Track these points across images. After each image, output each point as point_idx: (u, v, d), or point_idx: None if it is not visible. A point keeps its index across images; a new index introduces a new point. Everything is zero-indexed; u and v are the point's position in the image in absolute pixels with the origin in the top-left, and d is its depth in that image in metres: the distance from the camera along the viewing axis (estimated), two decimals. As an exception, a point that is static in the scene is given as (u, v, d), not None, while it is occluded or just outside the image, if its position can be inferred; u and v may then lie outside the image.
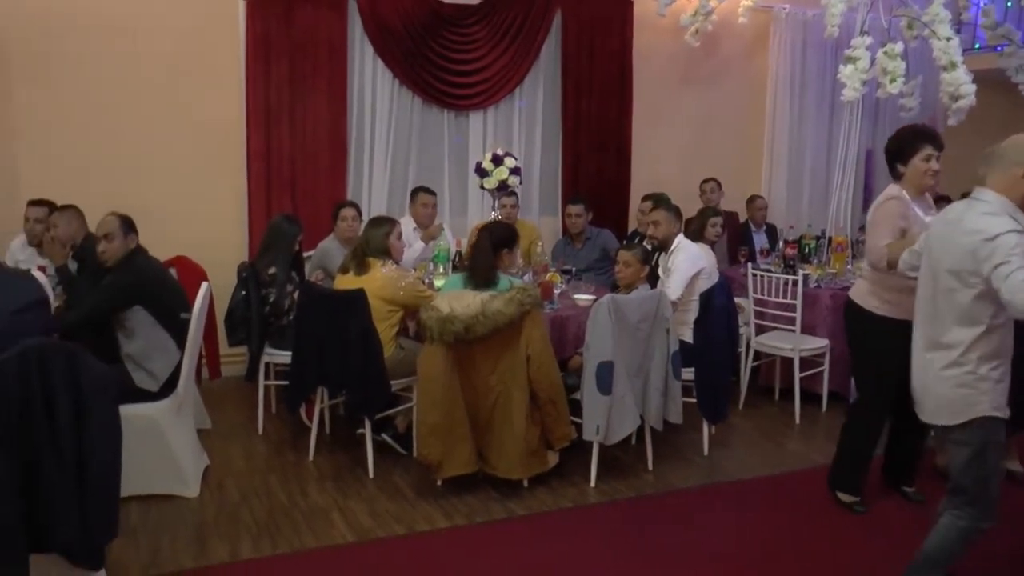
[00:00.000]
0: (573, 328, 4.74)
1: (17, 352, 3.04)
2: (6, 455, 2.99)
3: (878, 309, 3.94)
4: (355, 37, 6.37)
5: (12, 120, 5.69)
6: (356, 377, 4.33)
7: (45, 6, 5.64)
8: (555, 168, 7.15)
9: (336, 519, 4.00)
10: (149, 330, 4.17)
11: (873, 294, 3.97)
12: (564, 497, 4.27)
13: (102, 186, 5.41)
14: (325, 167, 6.31)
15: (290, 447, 4.90)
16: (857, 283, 4.17)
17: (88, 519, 3.22)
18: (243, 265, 5.14)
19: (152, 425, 4.08)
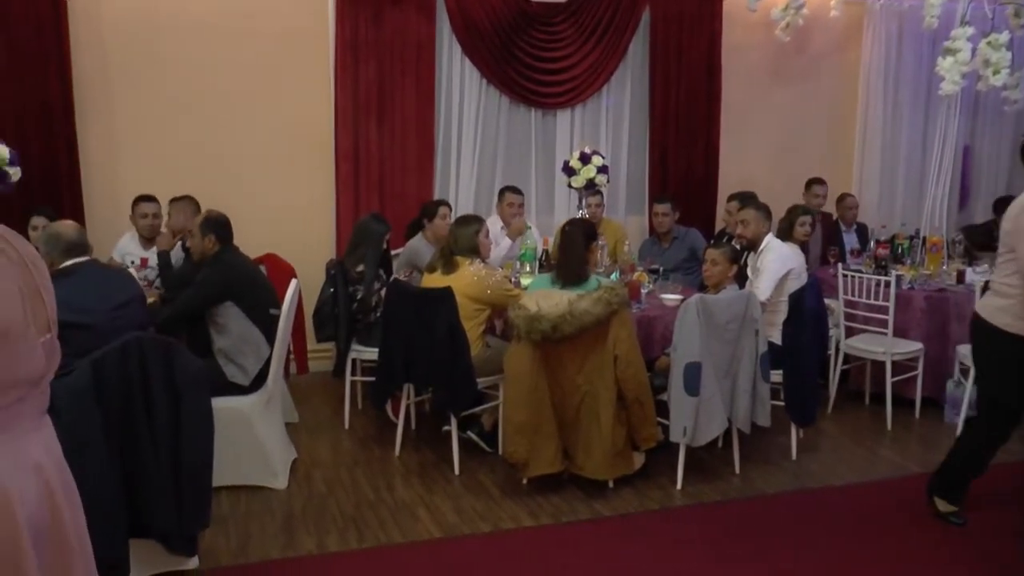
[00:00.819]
0: (660, 328, 4.70)
1: (118, 346, 3.16)
2: (108, 443, 3.10)
3: (1010, 327, 3.65)
4: (443, 37, 6.42)
5: (113, 121, 5.89)
6: (443, 374, 4.36)
7: (144, 11, 5.83)
8: (642, 167, 7.08)
9: (422, 515, 4.04)
10: (240, 326, 4.27)
11: (1006, 311, 3.66)
12: (650, 499, 4.23)
13: (195, 184, 5.55)
14: (413, 167, 6.37)
15: (376, 442, 4.96)
16: (987, 297, 3.86)
17: (183, 507, 3.33)
18: (331, 263, 5.23)
19: (242, 418, 4.18)
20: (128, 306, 3.74)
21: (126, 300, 3.74)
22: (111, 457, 3.11)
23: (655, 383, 4.40)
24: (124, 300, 3.72)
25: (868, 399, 5.75)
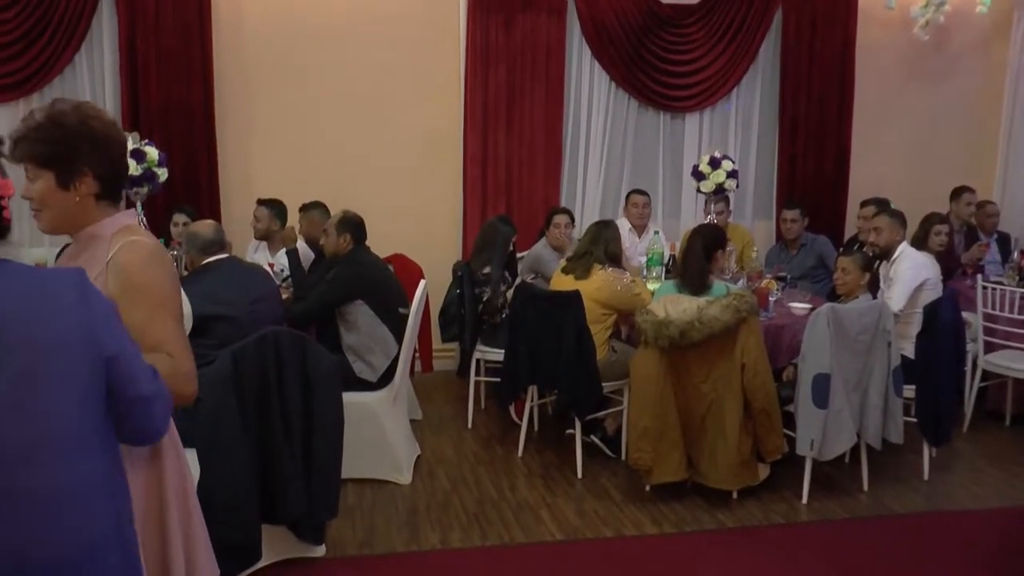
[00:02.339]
0: (788, 337, 4.59)
1: (256, 339, 3.30)
2: (244, 432, 3.24)
3: None
4: (573, 41, 6.44)
5: (250, 125, 6.14)
6: (568, 377, 4.39)
7: (282, 19, 6.05)
8: (770, 171, 6.95)
9: (544, 516, 4.08)
10: (369, 323, 4.39)
11: None
12: (775, 512, 4.16)
13: (327, 186, 5.73)
14: (540, 171, 6.42)
15: (499, 442, 5.03)
16: None
17: (312, 497, 3.45)
18: (458, 264, 5.32)
19: (370, 413, 4.29)
20: (264, 300, 3.90)
21: (262, 295, 3.90)
22: (247, 445, 3.26)
23: (782, 393, 4.32)
24: (261, 295, 3.88)
25: (1009, 420, 5.48)
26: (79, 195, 1.99)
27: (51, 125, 1.95)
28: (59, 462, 1.53)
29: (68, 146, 1.95)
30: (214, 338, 3.55)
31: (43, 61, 5.77)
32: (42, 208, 1.99)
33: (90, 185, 1.99)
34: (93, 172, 1.99)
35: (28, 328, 1.49)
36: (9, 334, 1.47)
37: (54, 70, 5.82)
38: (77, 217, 2.02)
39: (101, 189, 2.01)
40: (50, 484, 1.52)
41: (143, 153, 4.90)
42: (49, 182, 1.96)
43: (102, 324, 1.59)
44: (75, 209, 2.00)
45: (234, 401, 3.21)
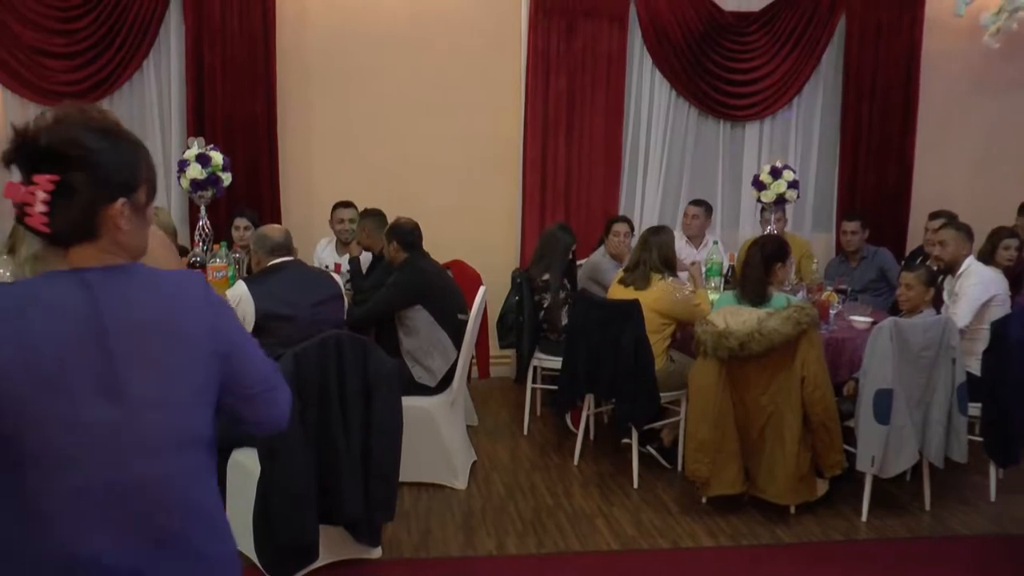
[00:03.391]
0: (848, 351, 4.52)
1: (318, 341, 3.35)
2: (304, 433, 3.29)
3: None
4: (634, 49, 6.44)
5: (311, 131, 6.24)
6: (626, 386, 4.37)
7: (343, 26, 6.13)
8: (830, 181, 6.87)
9: (600, 525, 4.07)
10: (428, 329, 4.42)
11: None
12: (833, 529, 4.10)
13: (386, 192, 5.77)
14: (599, 179, 6.42)
15: (554, 450, 5.03)
16: None
17: (370, 499, 3.48)
18: (517, 271, 5.34)
19: (427, 418, 4.32)
20: (327, 303, 3.95)
21: (325, 297, 3.95)
22: (307, 445, 3.31)
23: (842, 408, 4.25)
24: (324, 297, 3.93)
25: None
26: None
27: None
28: (182, 453, 1.58)
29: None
30: (275, 337, 3.62)
31: (112, 68, 5.92)
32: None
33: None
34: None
35: (164, 325, 1.55)
36: (149, 329, 1.52)
37: (123, 76, 5.97)
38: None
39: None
40: (171, 474, 1.57)
41: (208, 157, 5.01)
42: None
43: (224, 322, 1.66)
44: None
45: (295, 402, 3.25)
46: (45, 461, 1.43)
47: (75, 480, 1.45)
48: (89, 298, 1.47)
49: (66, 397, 1.44)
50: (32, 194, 1.42)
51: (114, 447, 1.48)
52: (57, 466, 1.44)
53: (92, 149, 1.46)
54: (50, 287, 1.47)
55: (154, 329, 1.53)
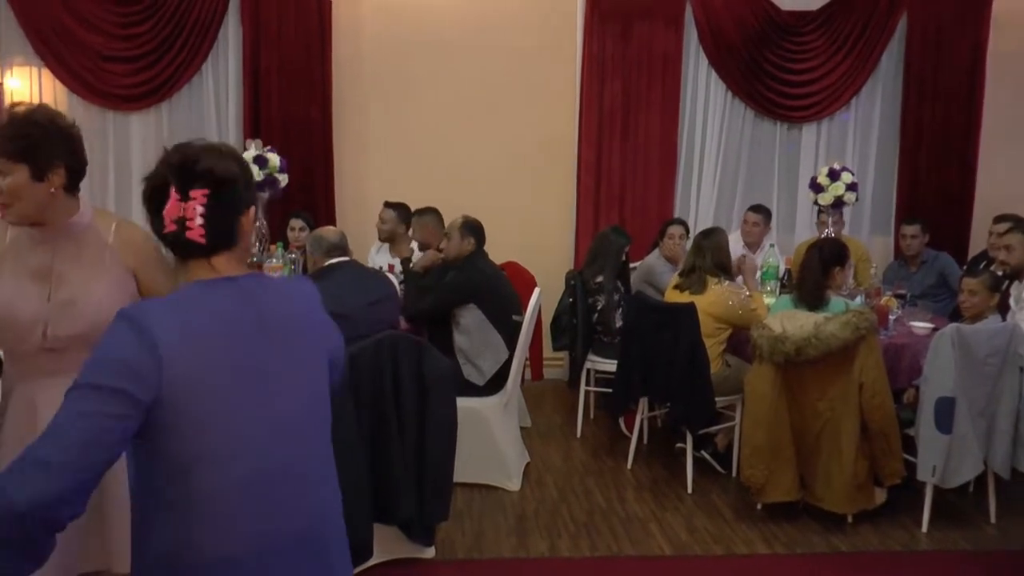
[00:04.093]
0: (908, 358, 4.43)
1: (373, 341, 3.38)
2: (360, 432, 3.31)
3: None
4: (690, 50, 6.39)
5: (365, 134, 6.30)
6: (681, 390, 4.34)
7: (398, 31, 6.18)
8: (889, 184, 6.73)
9: (654, 530, 4.04)
10: (481, 328, 4.43)
11: None
12: (892, 539, 4.01)
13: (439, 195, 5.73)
14: (654, 182, 6.38)
15: (607, 453, 5.00)
16: None
17: (424, 499, 3.50)
18: (571, 273, 5.32)
19: (480, 419, 4.33)
20: (382, 303, 3.98)
21: (380, 297, 3.97)
22: (361, 444, 3.33)
23: (902, 416, 4.17)
24: (378, 297, 3.95)
25: None
26: (52, 186, 2.11)
27: (24, 122, 2.07)
28: (317, 438, 1.76)
29: (43, 140, 2.08)
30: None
31: (172, 71, 6.05)
32: (13, 201, 2.09)
33: (61, 177, 2.12)
34: (65, 164, 2.12)
35: (299, 321, 1.76)
36: (290, 325, 1.72)
37: (182, 80, 6.10)
38: (46, 208, 2.13)
39: (69, 180, 2.14)
40: (310, 458, 1.74)
41: (265, 159, 5.07)
42: (23, 175, 2.07)
43: (329, 320, 1.87)
44: (46, 200, 2.12)
45: (351, 401, 3.28)
46: (218, 454, 1.56)
47: (239, 469, 1.59)
48: (249, 301, 1.65)
49: (236, 393, 1.59)
50: (193, 208, 1.59)
51: (268, 437, 1.63)
52: (229, 457, 1.58)
53: (235, 169, 1.66)
54: (212, 293, 1.63)
55: (297, 329, 1.73)
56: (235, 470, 1.58)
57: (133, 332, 1.52)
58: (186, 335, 1.55)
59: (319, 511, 1.74)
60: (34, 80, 6.14)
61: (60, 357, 2.13)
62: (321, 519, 1.74)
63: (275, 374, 1.65)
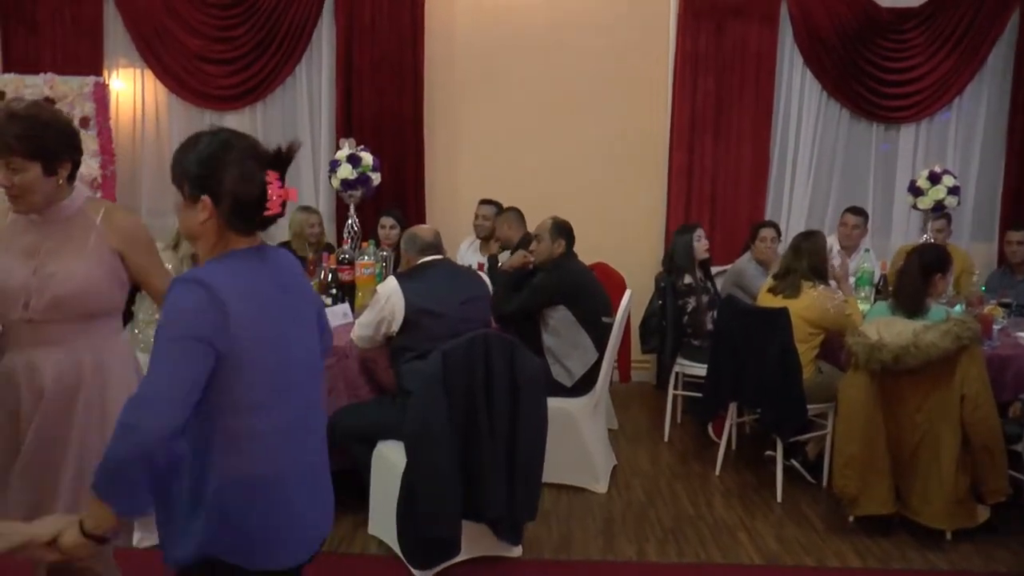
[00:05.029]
0: (1014, 370, 4.26)
1: (466, 339, 3.39)
2: (451, 429, 3.33)
3: None
4: (784, 49, 6.27)
5: (455, 130, 6.34)
6: (772, 396, 4.25)
7: (488, 27, 6.21)
8: (994, 188, 6.48)
9: (742, 538, 3.97)
10: (570, 329, 4.41)
11: None
12: (996, 560, 3.84)
13: (530, 193, 5.79)
14: (746, 182, 6.28)
15: (695, 458, 4.94)
16: None
17: (513, 498, 3.49)
18: (661, 275, 5.27)
19: (569, 419, 4.31)
20: (475, 302, 3.97)
21: (473, 296, 3.97)
22: (452, 441, 3.35)
23: (1007, 431, 3.99)
24: (471, 296, 3.95)
25: None
26: (60, 179, 2.29)
27: (35, 123, 2.23)
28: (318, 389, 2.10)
29: (53, 139, 2.27)
30: (422, 332, 3.67)
31: (267, 72, 6.21)
32: (25, 194, 2.25)
33: (67, 170, 2.32)
34: (70, 159, 2.31)
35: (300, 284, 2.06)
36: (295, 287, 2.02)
37: (276, 80, 6.25)
38: (52, 198, 2.32)
39: (71, 172, 2.33)
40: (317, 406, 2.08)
41: (358, 158, 5.15)
42: (36, 171, 2.23)
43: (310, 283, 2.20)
44: (54, 191, 2.30)
45: (443, 399, 3.31)
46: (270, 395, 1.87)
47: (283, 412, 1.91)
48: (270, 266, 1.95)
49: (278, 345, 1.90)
50: (285, 191, 1.92)
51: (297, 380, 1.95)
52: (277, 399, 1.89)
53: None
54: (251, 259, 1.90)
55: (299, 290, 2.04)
56: (280, 409, 1.90)
57: (204, 291, 1.76)
58: (242, 295, 1.81)
59: (322, 447, 2.07)
60: (137, 81, 6.39)
61: (40, 329, 2.31)
62: (323, 453, 2.07)
63: (292, 330, 1.95)
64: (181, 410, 1.71)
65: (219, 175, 1.83)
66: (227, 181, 1.83)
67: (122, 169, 6.11)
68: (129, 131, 6.37)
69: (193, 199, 1.85)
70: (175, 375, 1.72)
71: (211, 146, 1.85)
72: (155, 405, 1.70)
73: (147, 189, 6.36)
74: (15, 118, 2.21)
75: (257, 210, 1.86)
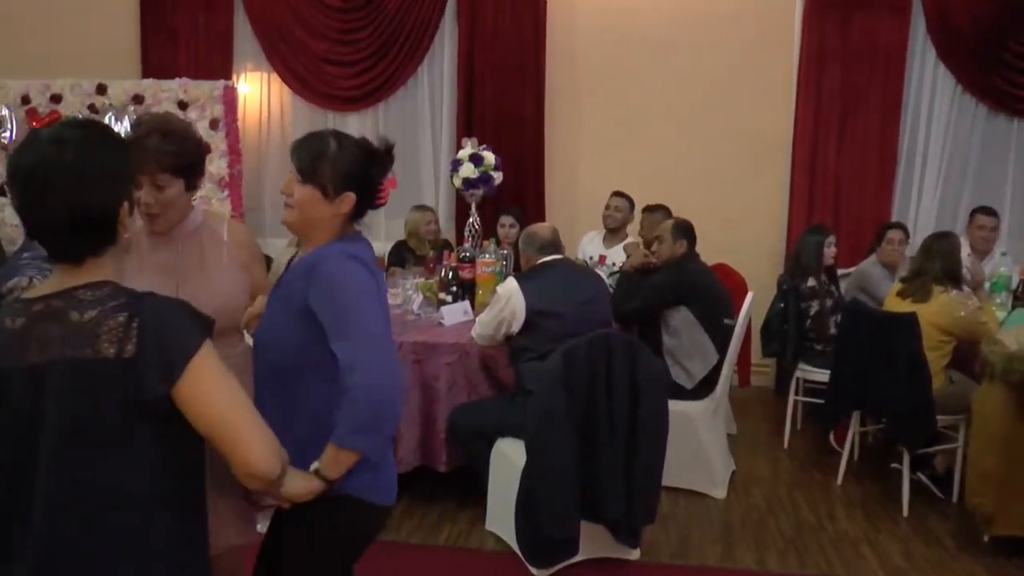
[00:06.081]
0: None
1: (587, 339, 3.39)
2: (571, 429, 3.34)
3: None
4: (916, 41, 6.02)
5: (577, 128, 6.34)
6: (899, 406, 4.09)
7: (610, 24, 6.18)
8: None
9: (866, 552, 3.84)
10: (691, 330, 4.35)
11: None
12: None
13: (651, 191, 5.72)
14: (871, 182, 6.07)
15: (815, 466, 4.81)
16: None
17: (632, 500, 3.48)
18: (782, 277, 5.16)
19: (689, 423, 4.25)
20: (593, 302, 3.97)
21: (592, 296, 3.96)
22: (573, 441, 3.36)
23: None
24: (590, 296, 3.95)
25: None
26: (194, 195, 2.30)
27: (180, 138, 2.22)
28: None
29: (194, 155, 2.27)
30: (542, 332, 3.69)
31: (390, 74, 6.34)
32: (166, 211, 2.22)
33: (198, 185, 2.32)
34: (203, 170, 2.35)
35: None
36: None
37: (398, 82, 6.38)
38: (184, 212, 2.30)
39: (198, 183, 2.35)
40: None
41: (481, 157, 5.21)
42: (180, 187, 2.22)
43: None
44: (187, 207, 2.30)
45: (563, 399, 3.32)
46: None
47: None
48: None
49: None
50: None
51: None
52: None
53: None
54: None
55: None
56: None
57: (366, 268, 2.04)
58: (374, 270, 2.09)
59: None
60: (263, 84, 6.63)
61: None
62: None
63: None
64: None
65: (359, 174, 2.08)
66: (371, 179, 2.10)
67: (248, 168, 6.35)
68: (255, 132, 6.62)
69: (336, 194, 2.05)
70: (386, 333, 2.03)
71: (343, 150, 2.07)
72: (390, 355, 2.05)
73: (270, 187, 6.58)
74: (167, 135, 2.19)
75: (373, 201, 2.14)
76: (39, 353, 1.51)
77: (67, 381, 1.50)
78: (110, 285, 1.58)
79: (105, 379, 1.50)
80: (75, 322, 1.52)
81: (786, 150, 6.14)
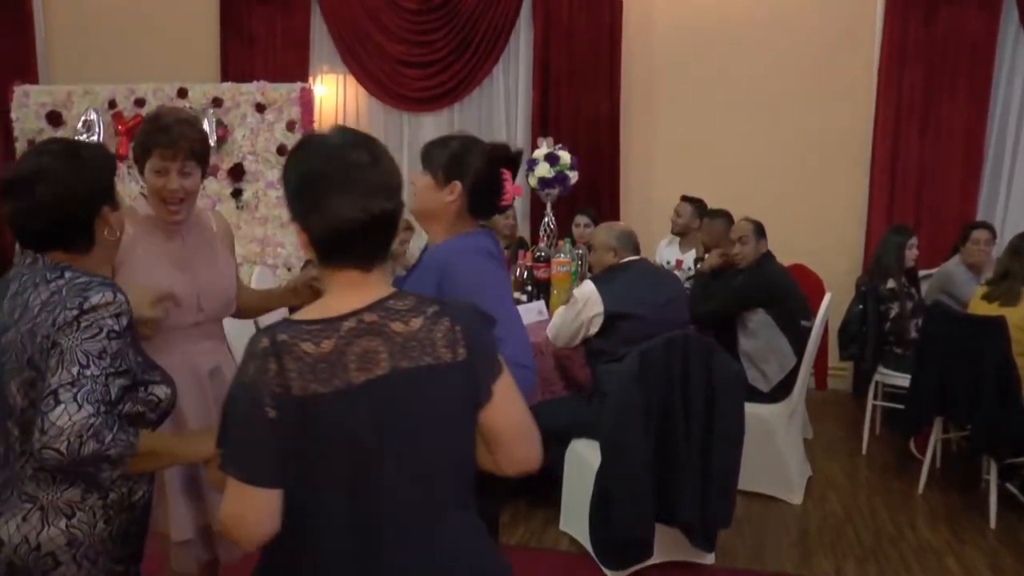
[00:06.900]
0: None
1: (664, 340, 3.37)
2: (646, 431, 3.32)
3: None
4: (1007, 35, 5.83)
5: (652, 128, 6.32)
6: (986, 413, 3.97)
7: (685, 23, 6.15)
8: None
9: (950, 564, 3.73)
10: (769, 332, 4.30)
11: None
12: None
13: (725, 191, 5.66)
14: (955, 181, 5.91)
15: (895, 474, 4.71)
16: None
17: (707, 504, 3.44)
18: (862, 278, 5.06)
19: (764, 426, 4.20)
20: (672, 303, 3.93)
21: (671, 298, 3.93)
22: (648, 443, 3.34)
23: None
24: (669, 297, 3.91)
25: None
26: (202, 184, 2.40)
27: (203, 129, 2.38)
28: None
29: (209, 147, 2.39)
30: (620, 334, 3.67)
31: (465, 75, 6.39)
32: (188, 198, 2.32)
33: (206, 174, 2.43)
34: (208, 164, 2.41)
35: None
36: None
37: (473, 82, 6.43)
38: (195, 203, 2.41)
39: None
40: None
41: (556, 157, 5.20)
42: (197, 175, 2.31)
43: None
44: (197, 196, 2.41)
45: (639, 399, 3.31)
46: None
47: None
48: None
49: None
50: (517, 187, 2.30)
51: None
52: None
53: None
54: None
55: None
56: None
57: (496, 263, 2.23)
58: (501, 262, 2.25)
59: None
60: (339, 86, 6.74)
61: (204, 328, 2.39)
62: None
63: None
64: None
65: (468, 166, 2.18)
66: (474, 172, 2.19)
67: (323, 169, 6.44)
68: (331, 133, 6.72)
69: (445, 182, 2.19)
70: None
71: (462, 143, 2.22)
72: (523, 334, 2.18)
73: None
74: (190, 123, 2.30)
75: (493, 200, 2.24)
76: (362, 371, 1.48)
77: (413, 390, 1.51)
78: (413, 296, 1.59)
79: (452, 381, 1.55)
80: (401, 332, 1.51)
81: (866, 148, 6.02)
